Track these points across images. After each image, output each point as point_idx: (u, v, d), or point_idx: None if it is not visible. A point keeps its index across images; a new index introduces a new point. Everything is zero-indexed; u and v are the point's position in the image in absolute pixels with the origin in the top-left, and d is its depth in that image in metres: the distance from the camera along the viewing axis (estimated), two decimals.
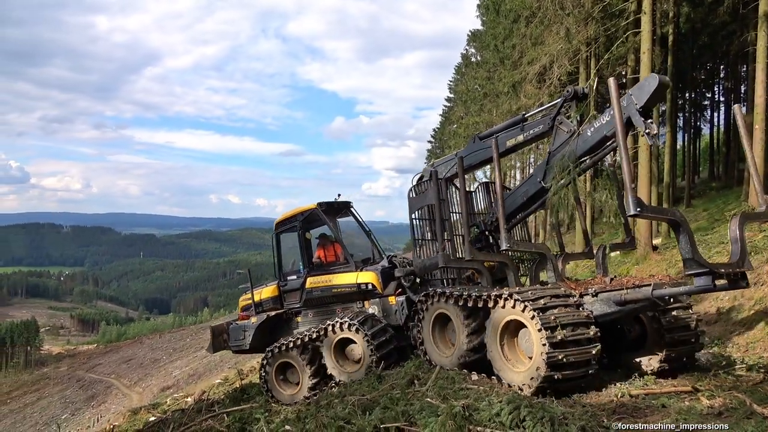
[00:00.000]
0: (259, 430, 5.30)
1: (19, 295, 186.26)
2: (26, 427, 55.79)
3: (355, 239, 11.46)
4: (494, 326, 6.77)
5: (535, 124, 8.02)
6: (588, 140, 7.10)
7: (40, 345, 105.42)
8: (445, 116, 59.36)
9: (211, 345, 11.59)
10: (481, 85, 38.85)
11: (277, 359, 9.80)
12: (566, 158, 7.24)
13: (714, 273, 5.77)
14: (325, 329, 9.17)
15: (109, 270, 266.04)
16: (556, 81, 21.86)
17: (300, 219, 10.28)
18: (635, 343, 7.63)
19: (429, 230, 8.76)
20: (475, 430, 4.26)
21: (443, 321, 7.89)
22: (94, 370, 71.36)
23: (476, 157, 8.54)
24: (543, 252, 7.81)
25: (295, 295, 10.34)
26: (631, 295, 6.52)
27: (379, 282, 9.48)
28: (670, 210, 6.75)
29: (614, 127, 6.21)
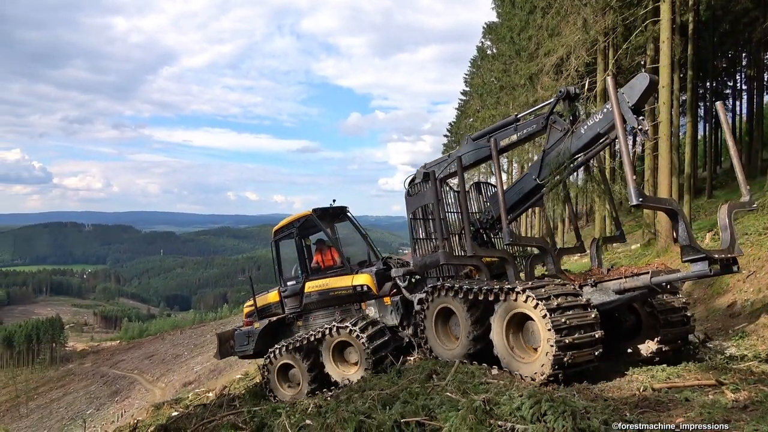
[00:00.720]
0: (280, 425, 5.34)
1: (43, 293, 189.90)
2: (53, 422, 57.00)
3: (353, 243, 11.65)
4: (500, 319, 6.96)
5: (528, 123, 8.22)
6: (582, 138, 7.33)
7: (65, 342, 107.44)
8: (461, 110, 59.02)
9: (218, 351, 11.93)
10: (498, 78, 38.56)
11: (278, 361, 10.13)
12: (561, 155, 7.47)
13: (710, 259, 6.12)
14: (324, 332, 9.45)
15: (130, 267, 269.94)
16: (573, 72, 21.61)
17: (296, 226, 10.57)
18: (631, 332, 8.02)
19: (424, 229, 9.01)
20: (495, 424, 4.24)
21: (446, 315, 8.09)
22: (118, 366, 72.64)
23: (470, 157, 8.70)
24: (542, 245, 8.04)
25: (295, 300, 10.59)
26: (630, 283, 6.77)
27: (374, 283, 9.71)
28: (668, 200, 7.37)
29: (608, 124, 6.72)
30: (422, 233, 9.04)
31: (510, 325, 6.91)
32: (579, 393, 5.85)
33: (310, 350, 9.78)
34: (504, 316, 6.92)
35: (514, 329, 6.95)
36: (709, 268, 6.16)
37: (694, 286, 13.84)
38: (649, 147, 20.09)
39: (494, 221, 8.75)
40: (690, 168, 26.08)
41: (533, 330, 6.69)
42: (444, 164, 8.91)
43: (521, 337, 6.95)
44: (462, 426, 4.23)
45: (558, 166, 7.51)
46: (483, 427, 4.20)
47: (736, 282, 12.33)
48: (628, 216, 36.93)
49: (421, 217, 9.03)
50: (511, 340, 6.93)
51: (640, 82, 6.73)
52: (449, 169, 8.76)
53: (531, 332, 6.78)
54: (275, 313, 10.86)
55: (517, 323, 6.93)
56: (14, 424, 62.25)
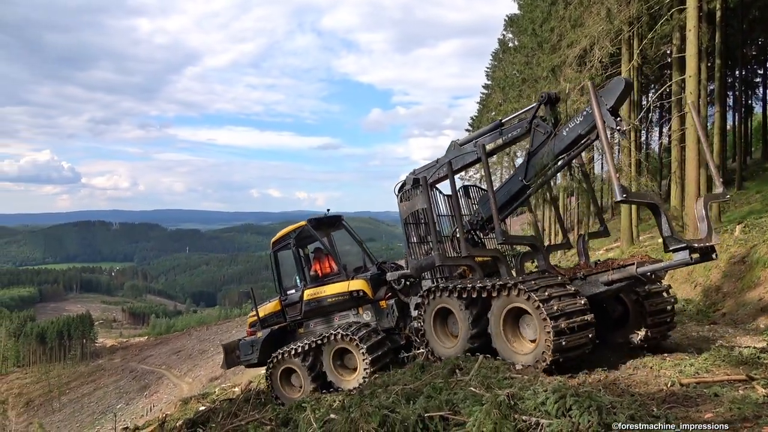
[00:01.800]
0: (305, 419, 5.40)
1: (74, 290, 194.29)
2: (84, 416, 58.39)
3: (350, 250, 12.00)
4: (497, 314, 7.33)
5: (513, 127, 8.51)
6: (564, 139, 7.67)
7: (95, 338, 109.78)
8: (482, 104, 58.58)
9: (224, 362, 12.30)
10: (520, 71, 38.17)
11: (281, 365, 10.50)
12: (545, 157, 7.84)
13: (690, 248, 6.58)
14: (324, 339, 9.78)
15: (157, 265, 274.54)
16: (597, 63, 21.25)
17: (293, 236, 10.86)
18: (620, 322, 8.47)
19: (417, 233, 9.35)
20: (520, 419, 4.22)
21: (444, 315, 8.36)
22: (146, 361, 74.02)
23: (457, 162, 9.00)
24: (533, 243, 8.47)
25: (295, 308, 10.86)
26: (617, 275, 7.22)
27: (369, 288, 9.99)
28: (649, 194, 7.92)
29: (588, 125, 7.19)
30: (416, 237, 9.35)
31: (507, 319, 7.28)
32: (605, 388, 5.80)
33: (310, 355, 10.12)
34: (500, 312, 7.29)
35: (511, 323, 7.31)
36: (690, 257, 6.61)
37: (723, 280, 13.59)
38: (676, 138, 19.69)
39: (484, 222, 9.11)
40: (719, 159, 25.50)
41: (529, 322, 7.13)
42: (432, 169, 9.22)
43: (518, 330, 7.35)
44: (486, 421, 4.22)
45: (542, 168, 7.90)
46: (507, 422, 4.18)
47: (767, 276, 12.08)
48: None
49: (414, 222, 9.36)
50: (509, 334, 7.30)
51: (617, 85, 7.15)
52: (438, 174, 9.11)
53: (527, 324, 7.21)
54: (277, 322, 11.17)
55: (513, 317, 7.30)
56: (47, 418, 63.94)
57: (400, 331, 9.85)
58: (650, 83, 36.32)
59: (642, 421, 4.09)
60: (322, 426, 5.06)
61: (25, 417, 68.64)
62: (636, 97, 24.28)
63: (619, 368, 7.47)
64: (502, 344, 7.30)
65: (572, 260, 17.86)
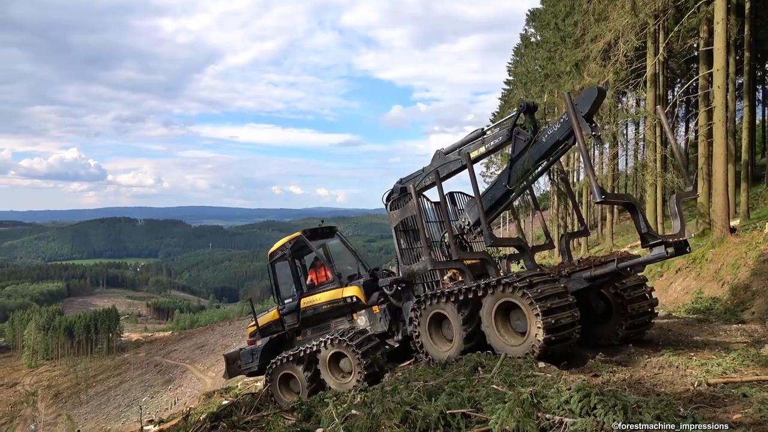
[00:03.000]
0: (327, 414, 5.43)
1: (100, 285, 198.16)
2: (110, 408, 59.57)
3: (345, 259, 12.31)
4: (489, 311, 7.65)
5: (494, 135, 8.91)
6: (543, 146, 8.10)
7: (121, 332, 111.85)
8: (504, 99, 58.07)
9: (226, 372, 12.60)
10: (542, 66, 37.73)
11: (279, 371, 10.70)
12: (526, 162, 8.26)
13: (665, 243, 7.10)
14: (319, 345, 10.01)
15: (180, 260, 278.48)
16: (622, 57, 20.90)
17: (288, 247, 11.18)
18: (603, 317, 8.89)
19: (407, 240, 9.67)
20: (543, 417, 4.18)
21: (438, 321, 8.60)
22: (170, 355, 75.14)
23: (443, 170, 9.32)
24: (519, 245, 8.89)
25: (293, 316, 11.17)
26: (599, 271, 7.68)
27: (362, 294, 10.29)
28: (626, 195, 8.82)
29: (566, 132, 7.63)
30: (405, 244, 9.68)
31: (498, 314, 7.60)
32: (630, 387, 5.71)
33: (307, 361, 10.34)
34: (492, 308, 7.61)
35: (502, 318, 7.64)
36: (665, 251, 7.12)
37: (753, 279, 13.29)
38: (703, 133, 19.29)
39: (471, 227, 9.46)
40: (747, 154, 24.93)
41: (519, 316, 7.42)
42: (419, 178, 9.62)
43: (509, 324, 7.66)
44: (509, 418, 4.19)
45: (524, 173, 8.33)
46: (530, 420, 4.15)
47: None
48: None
49: (404, 229, 9.65)
50: (501, 328, 7.63)
51: (590, 94, 7.62)
52: (424, 182, 9.53)
53: (517, 318, 7.51)
54: (276, 331, 11.44)
55: (503, 313, 7.63)
56: (75, 410, 65.37)
57: (393, 334, 10.17)
58: (676, 77, 35.64)
59: (668, 421, 4.02)
60: (344, 421, 5.08)
61: (53, 409, 70.28)
62: (662, 91, 23.83)
63: (644, 367, 7.37)
64: (495, 337, 7.62)
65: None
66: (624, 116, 29.35)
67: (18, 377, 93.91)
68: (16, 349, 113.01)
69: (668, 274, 18.00)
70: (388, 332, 10.17)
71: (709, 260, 15.82)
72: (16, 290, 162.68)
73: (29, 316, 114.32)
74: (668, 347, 8.47)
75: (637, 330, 8.88)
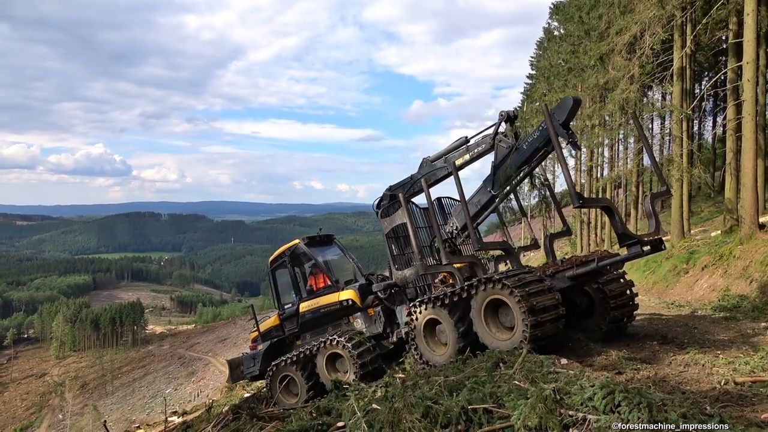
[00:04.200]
0: (349, 408, 5.45)
1: (125, 278, 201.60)
2: (135, 399, 60.67)
3: (342, 264, 12.69)
4: (478, 309, 7.98)
5: (478, 143, 9.25)
6: (524, 153, 8.49)
7: (145, 325, 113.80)
8: (526, 94, 57.49)
9: (230, 377, 13.10)
10: (566, 60, 37.25)
11: (279, 374, 11.12)
12: (509, 169, 8.67)
13: (641, 242, 7.50)
14: (317, 346, 10.47)
15: (203, 255, 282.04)
16: (648, 51, 20.53)
17: (287, 255, 11.64)
18: (586, 312, 9.31)
19: (397, 246, 10.02)
20: (566, 414, 4.14)
21: (432, 326, 8.92)
22: (193, 348, 76.21)
23: (429, 177, 9.67)
24: (506, 247, 9.24)
25: (292, 321, 11.55)
26: (580, 270, 8.13)
27: (357, 297, 10.69)
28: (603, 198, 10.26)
29: (544, 139, 8.06)
30: (397, 250, 10.06)
31: (487, 311, 7.91)
32: (654, 385, 5.64)
33: (305, 363, 10.78)
34: (480, 306, 7.93)
35: (491, 314, 7.95)
36: (641, 249, 7.52)
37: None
38: (731, 128, 18.86)
39: (459, 231, 9.88)
40: None
41: (507, 312, 7.74)
42: (407, 185, 10.03)
43: (498, 320, 7.98)
44: (531, 414, 4.16)
45: (507, 179, 8.76)
46: (553, 417, 4.11)
47: None
48: (708, 201, 35.01)
49: (395, 236, 10.00)
50: (491, 325, 7.94)
51: (566, 103, 7.96)
52: (413, 189, 9.95)
53: (505, 315, 7.83)
54: (276, 336, 11.84)
55: (492, 309, 7.93)
56: (101, 400, 66.76)
57: (388, 336, 10.57)
58: (704, 71, 34.91)
59: (694, 420, 3.95)
60: (365, 415, 5.10)
61: (80, 399, 71.87)
62: (689, 85, 23.35)
63: (669, 365, 7.26)
64: (486, 334, 7.94)
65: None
66: (649, 110, 28.82)
67: (46, 368, 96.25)
68: (44, 340, 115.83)
69: (694, 271, 17.68)
70: (383, 333, 10.57)
71: (737, 257, 15.49)
72: (45, 283, 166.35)
73: (57, 308, 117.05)
74: (693, 345, 8.37)
75: (620, 323, 9.37)
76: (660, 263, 20.35)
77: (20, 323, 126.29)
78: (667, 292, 17.90)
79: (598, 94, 30.64)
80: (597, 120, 30.43)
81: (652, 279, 19.82)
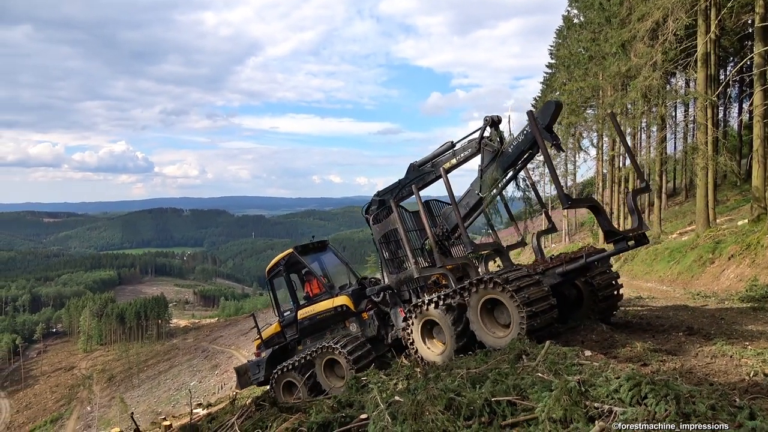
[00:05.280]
0: (372, 400, 5.46)
1: (149, 273, 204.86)
2: (161, 391, 61.72)
3: (338, 270, 12.99)
4: (474, 309, 8.19)
5: (464, 148, 9.47)
6: (510, 156, 8.78)
7: (169, 318, 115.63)
8: (546, 84, 56.83)
9: (238, 383, 13.51)
10: (586, 48, 36.70)
11: (282, 380, 11.48)
12: (495, 172, 8.95)
13: (626, 237, 7.88)
14: (315, 353, 10.77)
15: (225, 249, 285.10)
16: (671, 36, 20.11)
17: (282, 264, 11.90)
18: (575, 304, 9.73)
19: (388, 251, 10.24)
20: (591, 406, 4.09)
21: (429, 327, 9.14)
22: (216, 341, 77.23)
23: (417, 182, 9.94)
24: (497, 248, 9.62)
25: (292, 328, 11.90)
26: (569, 266, 8.54)
27: (351, 302, 10.97)
28: (589, 198, 9.80)
29: (529, 143, 8.41)
30: (389, 254, 10.27)
31: (483, 311, 8.15)
32: (681, 377, 5.54)
33: (305, 368, 11.08)
34: (477, 306, 8.15)
35: (487, 313, 8.19)
36: (626, 244, 7.90)
37: None
38: (759, 114, 18.40)
39: (449, 233, 10.22)
40: None
41: (502, 310, 7.99)
42: (396, 190, 10.31)
43: (494, 318, 8.21)
44: (556, 407, 4.12)
45: (494, 182, 9.04)
46: (578, 409, 4.06)
47: None
48: (734, 190, 34.30)
49: (386, 241, 10.21)
50: (488, 324, 8.15)
51: (549, 107, 8.32)
52: (401, 194, 10.21)
53: (501, 312, 8.08)
54: (278, 342, 12.21)
55: (488, 309, 8.18)
56: (128, 393, 68.09)
57: (383, 338, 10.82)
58: (729, 56, 34.14)
59: (723, 412, 3.88)
60: (388, 408, 5.11)
61: (108, 391, 73.38)
62: (713, 71, 22.85)
63: (696, 356, 7.15)
64: (483, 332, 8.14)
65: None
66: (673, 97, 28.28)
67: (74, 361, 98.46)
68: (72, 334, 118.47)
69: (720, 261, 17.36)
70: (377, 336, 10.84)
71: (765, 246, 15.18)
72: (72, 278, 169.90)
73: (84, 303, 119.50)
74: (721, 336, 8.23)
75: (606, 313, 9.90)
76: (685, 253, 20.03)
77: (49, 318, 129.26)
78: (692, 283, 17.62)
79: (620, 82, 30.14)
80: (619, 108, 29.94)
81: (677, 269, 19.52)
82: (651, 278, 20.85)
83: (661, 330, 9.24)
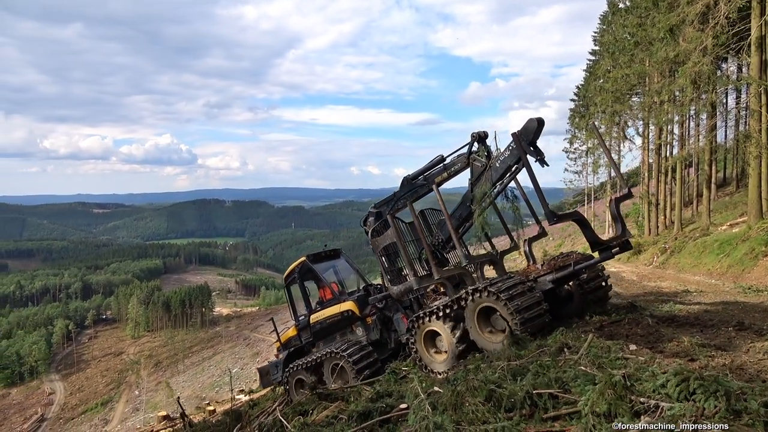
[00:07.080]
0: (412, 390, 5.49)
1: (193, 263, 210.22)
2: (205, 377, 63.49)
3: (350, 276, 13.66)
4: (471, 316, 8.58)
5: (453, 162, 10.01)
6: (497, 170, 9.24)
7: (212, 307, 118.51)
8: (589, 71, 55.28)
9: (260, 382, 14.49)
10: (632, 33, 35.49)
11: (294, 377, 12.19)
12: (484, 186, 9.38)
13: (609, 246, 8.52)
14: (323, 357, 11.37)
15: (265, 240, 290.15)
16: (723, 20, 19.31)
17: (297, 271, 12.61)
18: (566, 300, 10.24)
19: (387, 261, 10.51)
20: (637, 400, 4.01)
21: (431, 336, 9.54)
22: (258, 330, 78.79)
23: (411, 195, 10.38)
24: (492, 259, 10.13)
25: (306, 331, 12.62)
26: (559, 274, 9.11)
27: (356, 307, 11.62)
28: (574, 212, 9.89)
29: (515, 158, 8.90)
30: (389, 264, 10.57)
31: (479, 318, 8.53)
32: (731, 373, 5.37)
33: (315, 369, 11.72)
34: (473, 315, 8.54)
35: (484, 320, 8.55)
36: (611, 253, 8.53)
37: None
38: None
39: (444, 242, 10.74)
40: None
41: (497, 317, 8.35)
42: (391, 203, 10.74)
43: (491, 324, 8.56)
44: (600, 401, 4.05)
45: (483, 194, 9.43)
46: (623, 403, 3.99)
47: None
48: None
49: (386, 253, 10.50)
50: (484, 330, 8.51)
51: (531, 125, 8.66)
52: (397, 206, 10.63)
53: (496, 319, 8.43)
54: (295, 345, 12.94)
55: (484, 316, 8.55)
56: (173, 378, 70.32)
57: (386, 342, 11.45)
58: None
59: None
60: (428, 397, 5.12)
61: (154, 376, 75.97)
62: (767, 56, 21.80)
63: (747, 353, 6.90)
64: (480, 338, 8.50)
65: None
66: (724, 83, 27.18)
67: (123, 347, 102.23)
68: (121, 321, 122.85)
69: None
70: (380, 340, 11.47)
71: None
72: (120, 267, 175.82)
73: (131, 291, 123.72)
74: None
75: (600, 303, 10.29)
76: (735, 246, 19.32)
77: (99, 305, 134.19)
78: (743, 277, 16.99)
79: (667, 69, 29.12)
80: (666, 96, 28.94)
81: (727, 263, 18.85)
82: (699, 271, 20.20)
83: (710, 325, 8.95)
